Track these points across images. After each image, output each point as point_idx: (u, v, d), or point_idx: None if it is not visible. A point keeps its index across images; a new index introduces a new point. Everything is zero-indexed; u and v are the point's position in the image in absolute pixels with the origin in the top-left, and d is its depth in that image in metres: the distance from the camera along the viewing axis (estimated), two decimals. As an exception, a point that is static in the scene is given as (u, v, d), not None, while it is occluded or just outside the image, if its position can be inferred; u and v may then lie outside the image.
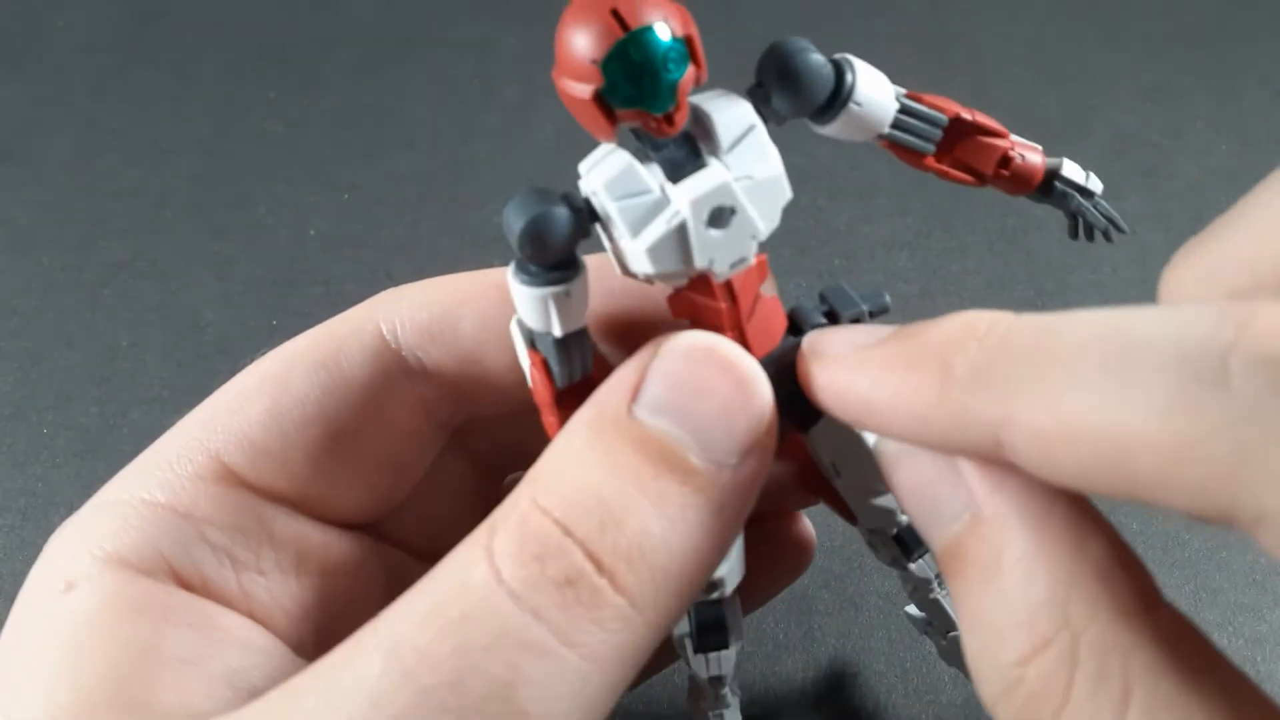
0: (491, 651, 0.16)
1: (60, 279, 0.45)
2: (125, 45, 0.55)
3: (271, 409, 0.22)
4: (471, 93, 0.51)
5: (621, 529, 0.17)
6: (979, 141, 0.22)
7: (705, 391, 0.17)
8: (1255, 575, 0.34)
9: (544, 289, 0.18)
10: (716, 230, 0.18)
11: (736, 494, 0.18)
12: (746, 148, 0.19)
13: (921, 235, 0.44)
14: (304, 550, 0.22)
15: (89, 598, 0.19)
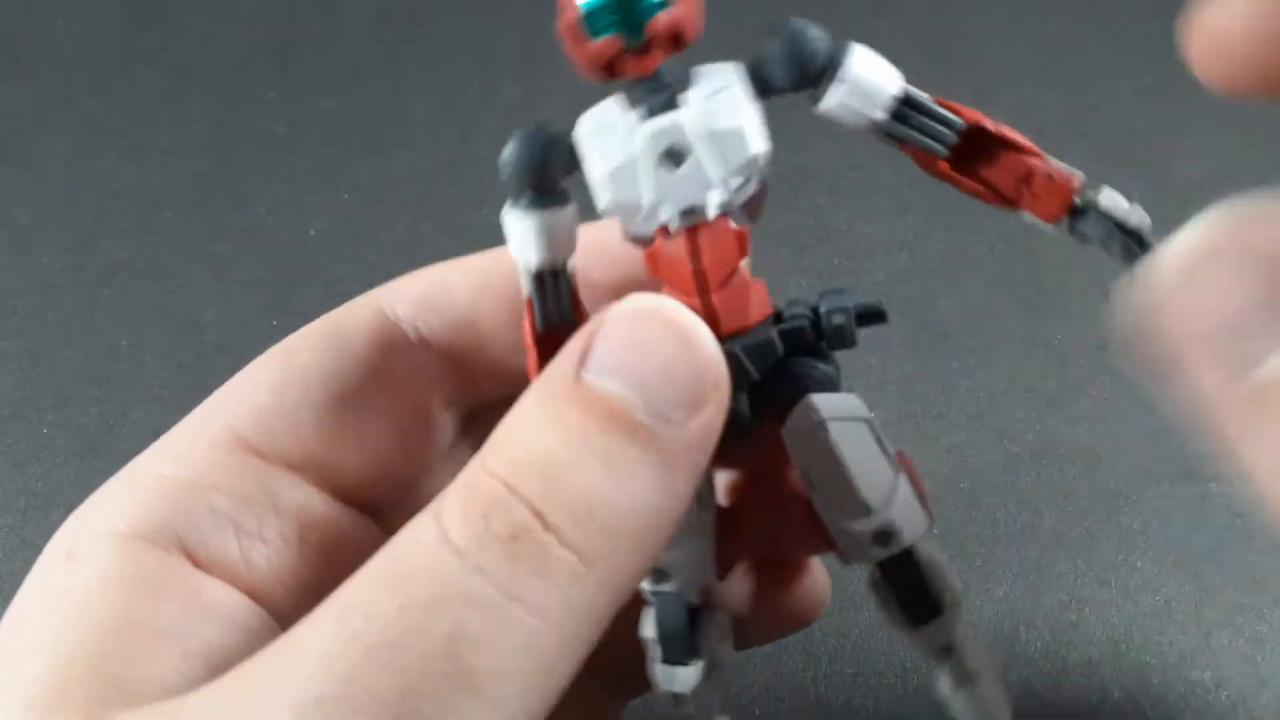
0: (435, 608, 0.16)
1: (60, 279, 0.45)
2: (125, 45, 0.55)
3: (279, 378, 0.23)
4: (471, 93, 0.51)
5: (567, 486, 0.17)
6: (1001, 154, 0.21)
7: (648, 350, 0.18)
8: (1256, 575, 0.34)
9: (525, 214, 0.20)
10: (668, 170, 0.19)
11: (685, 450, 0.18)
12: (717, 100, 0.19)
13: (921, 235, 0.44)
14: (308, 522, 0.22)
15: (85, 570, 0.19)
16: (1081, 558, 0.34)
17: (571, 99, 0.45)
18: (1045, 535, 0.35)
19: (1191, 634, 0.33)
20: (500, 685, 0.16)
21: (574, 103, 0.25)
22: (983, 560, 0.35)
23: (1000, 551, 0.35)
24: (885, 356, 0.40)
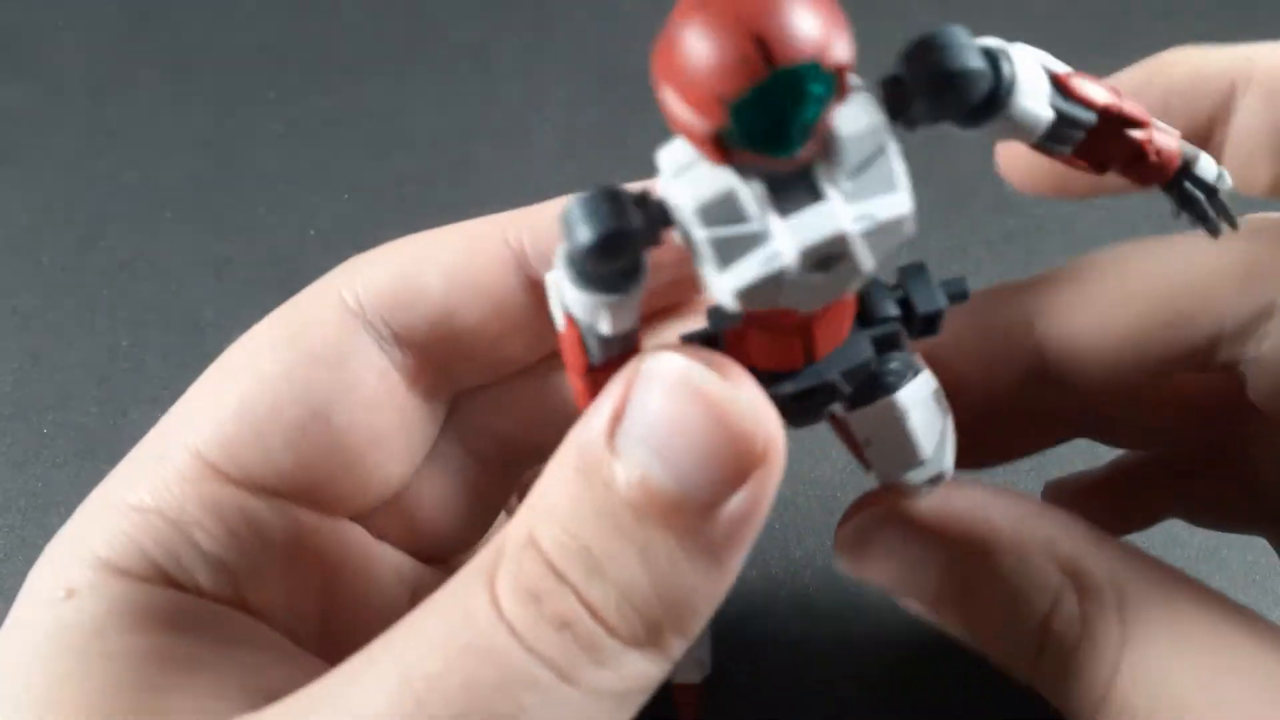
0: (498, 689, 0.16)
1: (60, 279, 0.45)
2: (125, 45, 0.55)
3: (243, 396, 0.21)
4: (471, 93, 0.51)
5: (608, 579, 0.16)
6: (1113, 133, 0.19)
7: (681, 427, 0.16)
8: (1255, 576, 0.34)
9: (600, 296, 0.16)
10: (819, 274, 0.16)
11: (728, 533, 0.16)
12: (873, 175, 0.15)
13: (921, 235, 0.44)
14: (296, 543, 0.21)
15: (92, 605, 0.19)
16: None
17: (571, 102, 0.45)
18: (1045, 535, 0.35)
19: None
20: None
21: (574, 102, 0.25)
22: (983, 560, 0.35)
23: (1000, 551, 0.35)
24: (885, 356, 0.40)
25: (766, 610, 0.33)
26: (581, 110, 0.49)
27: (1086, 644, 0.20)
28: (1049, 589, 0.20)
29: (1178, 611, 0.20)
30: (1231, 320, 0.22)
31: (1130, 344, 0.22)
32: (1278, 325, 0.21)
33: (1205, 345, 0.22)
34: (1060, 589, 0.20)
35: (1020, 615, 0.20)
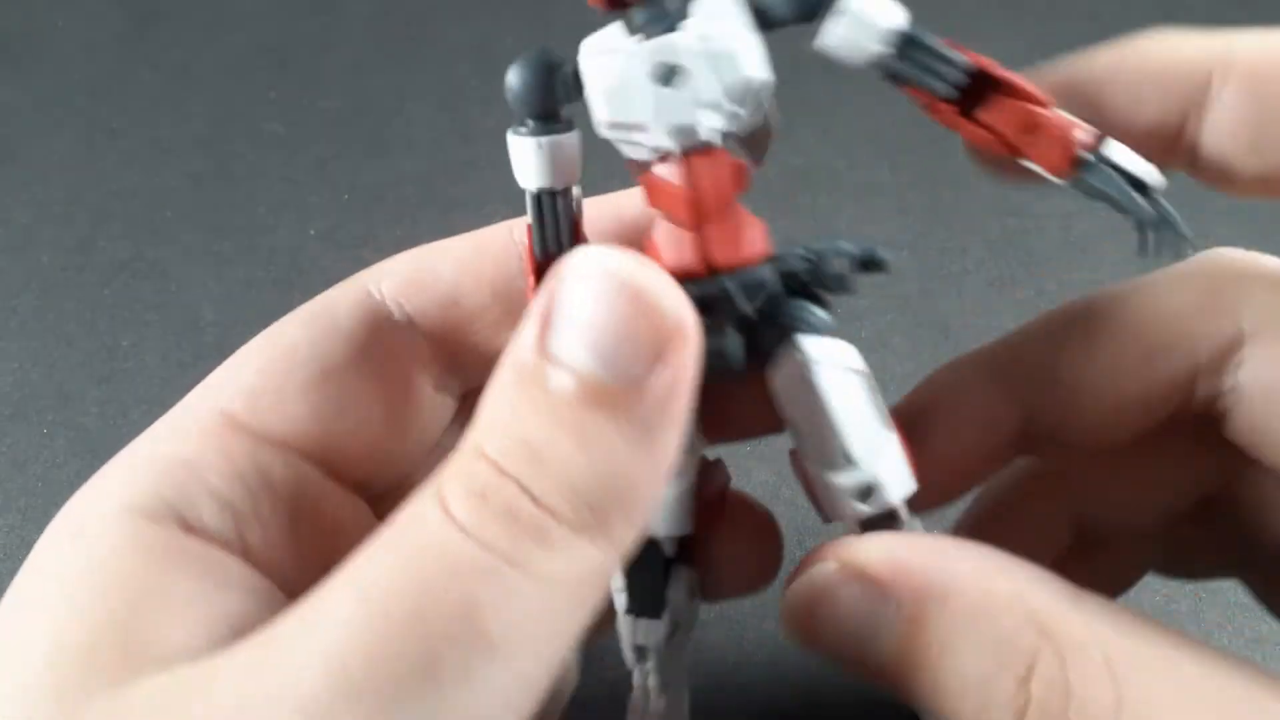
0: (448, 578, 0.16)
1: (60, 279, 0.45)
2: (125, 45, 0.55)
3: (268, 357, 0.23)
4: (471, 93, 0.51)
5: (549, 466, 0.17)
6: (1008, 101, 0.20)
7: (602, 311, 0.17)
8: (1255, 577, 0.34)
9: (528, 138, 0.20)
10: (662, 88, 0.19)
11: (658, 406, 0.17)
12: (713, 23, 0.19)
13: (921, 235, 0.44)
14: (301, 500, 0.22)
15: (98, 542, 0.20)
16: (1081, 558, 0.34)
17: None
18: (1045, 535, 0.35)
19: (1192, 634, 0.33)
20: (512, 645, 0.16)
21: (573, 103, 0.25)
22: (983, 560, 0.35)
23: (1000, 551, 0.35)
24: (885, 356, 0.40)
25: (766, 609, 0.33)
26: (581, 110, 0.49)
27: (1075, 712, 0.18)
28: (1023, 650, 0.18)
29: (1178, 671, 0.18)
30: (1204, 350, 0.22)
31: (1110, 388, 0.23)
32: (1250, 353, 0.22)
33: (1184, 378, 0.23)
34: (1036, 649, 0.18)
35: (993, 681, 0.19)
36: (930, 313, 0.41)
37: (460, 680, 0.16)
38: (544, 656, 0.17)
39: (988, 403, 0.24)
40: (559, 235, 0.21)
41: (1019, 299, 0.42)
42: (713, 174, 0.20)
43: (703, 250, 0.20)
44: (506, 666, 0.17)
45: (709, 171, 0.20)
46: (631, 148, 0.20)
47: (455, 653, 0.16)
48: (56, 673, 0.18)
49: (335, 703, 0.16)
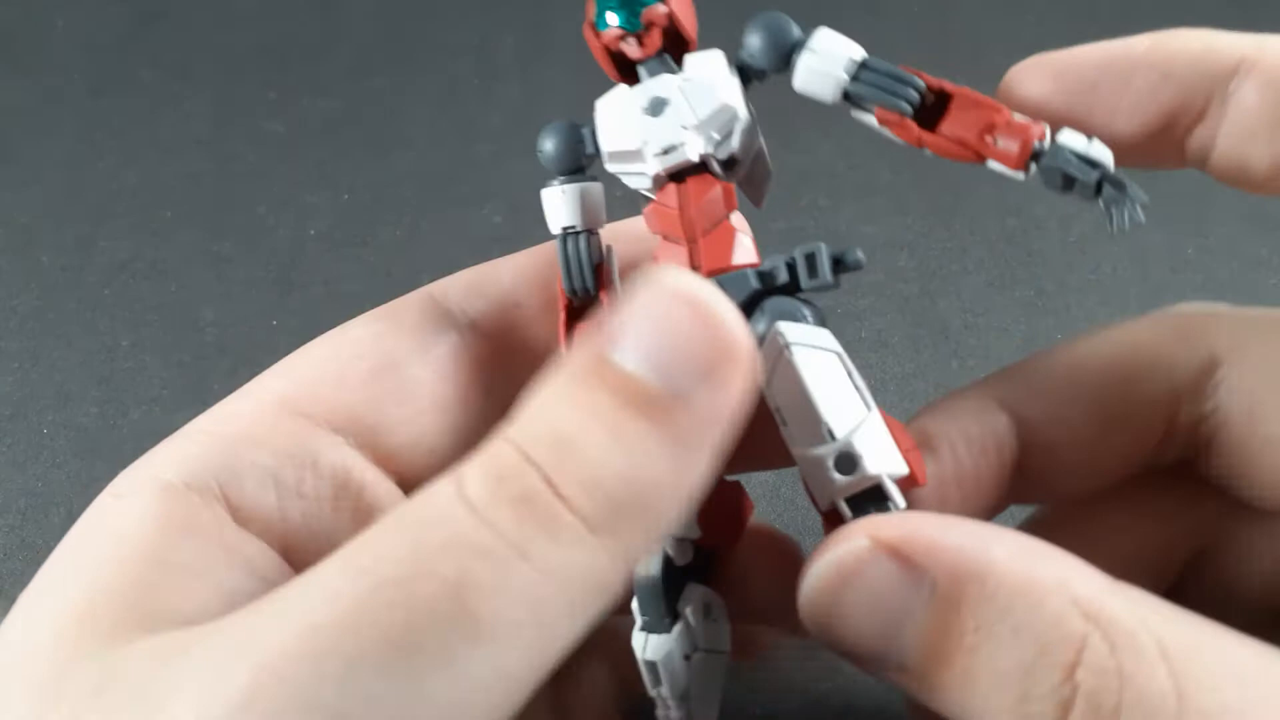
0: (444, 553, 0.16)
1: (60, 279, 0.45)
2: (125, 45, 0.55)
3: (333, 348, 0.24)
4: (471, 93, 0.51)
5: (577, 457, 0.17)
6: (966, 112, 0.22)
7: (665, 323, 0.18)
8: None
9: (554, 186, 0.24)
10: (653, 117, 0.23)
11: (700, 424, 0.17)
12: (697, 63, 0.23)
13: (921, 235, 0.44)
14: (344, 482, 0.23)
15: (128, 509, 0.21)
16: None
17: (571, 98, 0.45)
18: (1045, 535, 0.35)
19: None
20: (500, 634, 0.16)
21: (574, 102, 0.26)
22: (983, 560, 0.35)
23: (1000, 551, 0.35)
24: (885, 356, 0.40)
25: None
26: (582, 110, 0.49)
27: (1131, 704, 0.16)
28: (1070, 636, 0.17)
29: (1237, 660, 0.17)
30: (1182, 372, 0.24)
31: (1096, 410, 0.24)
32: (1226, 373, 0.24)
33: (1165, 400, 0.24)
34: (1084, 635, 0.17)
35: (1035, 671, 0.17)
36: (930, 313, 0.41)
37: (438, 661, 0.16)
38: (529, 654, 0.17)
39: (988, 420, 0.24)
40: (583, 274, 0.24)
41: (1019, 299, 0.42)
42: (700, 194, 0.22)
43: (695, 260, 0.22)
44: (489, 656, 0.16)
45: (697, 192, 0.22)
46: (633, 179, 0.23)
47: (437, 630, 0.16)
48: (57, 631, 0.18)
49: (300, 663, 0.16)
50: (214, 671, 0.16)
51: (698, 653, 0.22)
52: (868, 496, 0.20)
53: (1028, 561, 0.18)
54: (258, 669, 0.16)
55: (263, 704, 0.16)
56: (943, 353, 0.40)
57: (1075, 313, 0.40)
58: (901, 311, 0.41)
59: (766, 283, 0.22)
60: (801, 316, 0.21)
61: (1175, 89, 0.22)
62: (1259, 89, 0.22)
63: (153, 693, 0.16)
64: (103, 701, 0.17)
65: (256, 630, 0.17)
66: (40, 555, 0.20)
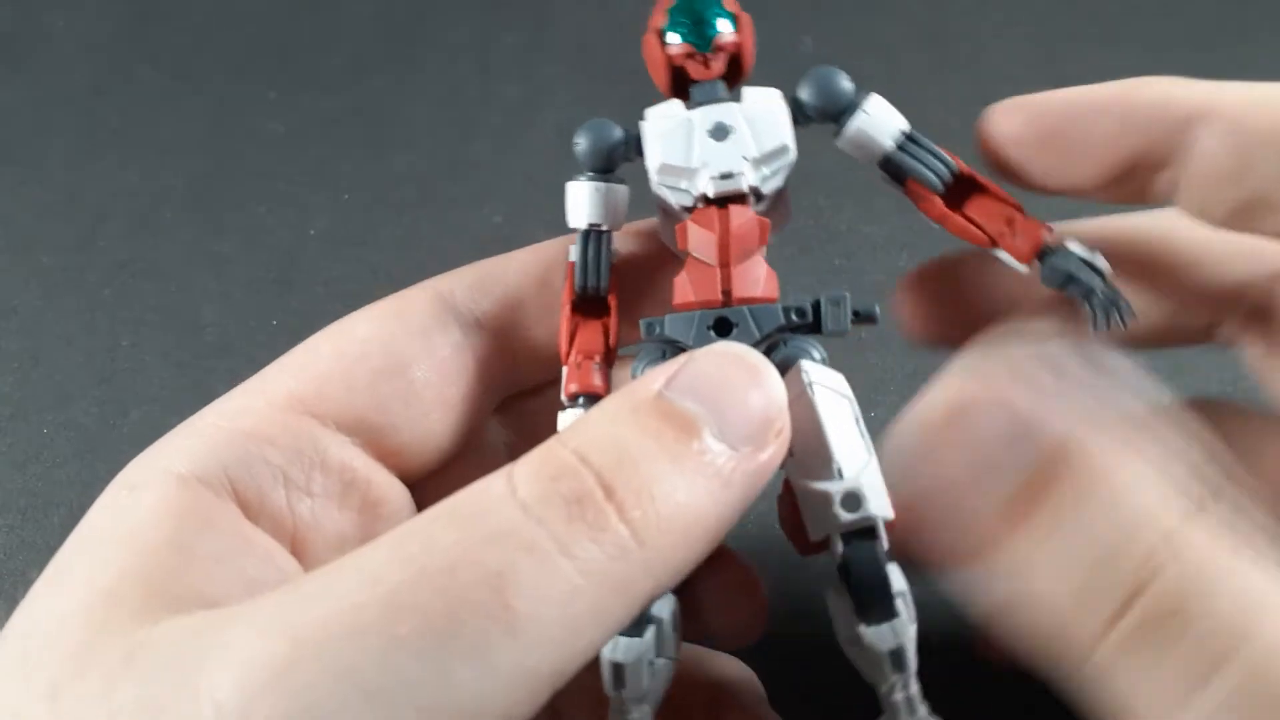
0: (491, 545, 0.17)
1: (60, 279, 0.45)
2: (125, 45, 0.55)
3: (341, 346, 0.25)
4: (471, 92, 0.51)
5: (636, 469, 0.18)
6: (988, 201, 0.25)
7: (727, 384, 0.19)
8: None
9: (582, 183, 0.24)
10: (714, 141, 0.23)
11: (743, 477, 0.19)
12: (759, 98, 0.24)
13: (922, 235, 0.43)
14: (351, 481, 0.24)
15: (144, 499, 0.21)
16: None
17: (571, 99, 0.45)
18: (1045, 535, 0.35)
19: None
20: (534, 631, 0.16)
21: (574, 103, 0.26)
22: (983, 560, 0.35)
23: (1000, 551, 0.35)
24: (885, 356, 0.40)
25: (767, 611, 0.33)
26: (581, 110, 0.49)
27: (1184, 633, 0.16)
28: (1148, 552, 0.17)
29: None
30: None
31: None
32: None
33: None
34: (1159, 557, 0.17)
35: (1104, 571, 0.17)
36: (930, 313, 0.41)
37: (471, 650, 0.16)
38: (555, 656, 0.17)
39: None
40: (598, 273, 0.25)
41: (1019, 299, 0.42)
42: (741, 224, 0.23)
43: (725, 285, 0.23)
44: (518, 651, 0.16)
45: (740, 222, 0.23)
46: (676, 194, 0.24)
47: (475, 621, 0.16)
48: (86, 606, 0.19)
49: (341, 639, 0.16)
50: (252, 641, 0.16)
51: (660, 659, 0.22)
52: (859, 533, 0.22)
53: (1132, 454, 0.18)
54: (296, 641, 0.16)
55: (301, 674, 0.16)
56: (943, 352, 0.40)
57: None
58: (902, 311, 0.41)
59: (791, 319, 0.23)
60: (818, 356, 0.23)
61: (1137, 137, 0.23)
62: (1217, 137, 0.22)
63: (187, 661, 0.17)
64: (134, 667, 0.17)
65: (295, 606, 0.17)
66: (41, 555, 0.20)
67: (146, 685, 0.17)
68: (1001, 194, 0.25)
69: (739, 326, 0.23)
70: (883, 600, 0.21)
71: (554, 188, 0.26)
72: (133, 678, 0.17)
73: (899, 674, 0.22)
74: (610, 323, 0.25)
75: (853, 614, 0.22)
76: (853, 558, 0.22)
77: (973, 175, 0.25)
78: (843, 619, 0.22)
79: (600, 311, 0.25)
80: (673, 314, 0.23)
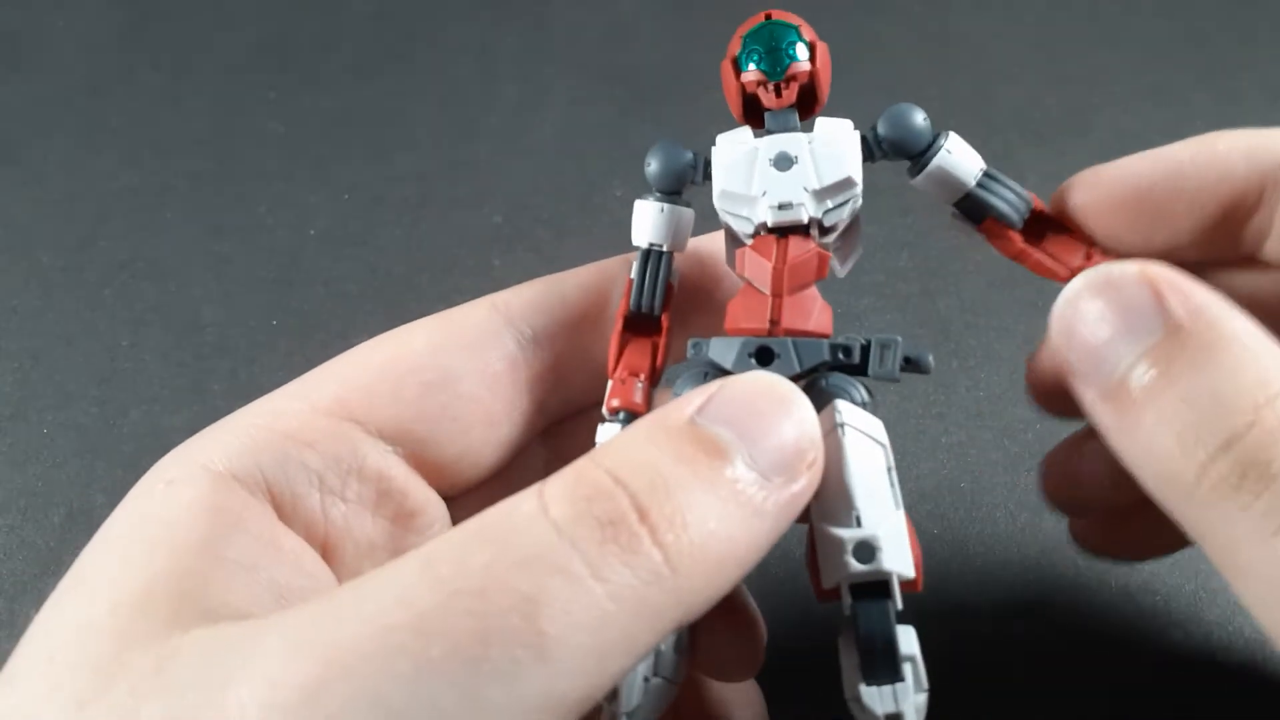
0: (522, 568, 0.17)
1: (60, 279, 0.45)
2: (125, 45, 0.55)
3: (392, 356, 0.24)
4: (471, 93, 0.51)
5: (670, 493, 0.18)
6: (1064, 237, 0.25)
7: (759, 414, 0.19)
8: None
9: (649, 202, 0.25)
10: (777, 170, 0.23)
11: (774, 507, 0.19)
12: (829, 130, 0.24)
13: (922, 235, 0.44)
14: (387, 490, 0.24)
15: (179, 496, 0.21)
16: (1081, 558, 0.34)
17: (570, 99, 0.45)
18: (1045, 535, 0.35)
19: (1193, 635, 0.33)
20: (564, 657, 0.16)
21: (573, 103, 0.26)
22: (983, 561, 0.35)
23: (1000, 552, 0.35)
24: (885, 356, 0.40)
25: (767, 611, 0.33)
26: (581, 110, 0.49)
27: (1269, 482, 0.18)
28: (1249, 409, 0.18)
29: None
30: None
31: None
32: None
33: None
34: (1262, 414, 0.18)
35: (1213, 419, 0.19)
36: (931, 312, 0.41)
37: (501, 675, 0.16)
38: (583, 682, 0.17)
39: None
40: (655, 292, 0.25)
41: (1020, 299, 0.42)
42: (799, 255, 0.23)
43: (775, 315, 0.23)
44: (547, 677, 0.16)
45: (797, 252, 0.23)
46: (736, 220, 0.24)
47: (506, 646, 0.16)
48: (115, 617, 0.19)
49: (371, 661, 0.16)
50: (282, 659, 0.16)
51: (657, 678, 0.22)
52: (872, 588, 0.21)
53: (1254, 338, 0.19)
54: (327, 662, 0.16)
55: (330, 697, 0.16)
56: (943, 352, 0.40)
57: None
58: (902, 311, 0.41)
59: (837, 358, 0.23)
60: (859, 397, 0.23)
61: (1228, 188, 0.24)
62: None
63: (215, 676, 0.17)
64: (162, 681, 0.17)
65: (326, 624, 0.17)
66: (41, 555, 0.20)
67: (174, 701, 0.17)
68: (1077, 228, 0.25)
69: (780, 357, 0.23)
70: (887, 662, 0.21)
71: (554, 187, 0.26)
72: (160, 692, 0.17)
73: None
74: (660, 342, 0.25)
75: (857, 670, 0.21)
76: (860, 612, 0.21)
77: (1044, 210, 0.25)
78: (847, 673, 0.21)
79: (653, 330, 0.25)
80: (720, 337, 0.23)
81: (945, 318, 0.41)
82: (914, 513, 0.36)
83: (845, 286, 0.43)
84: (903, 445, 0.38)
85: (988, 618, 0.33)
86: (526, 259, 0.43)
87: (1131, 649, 0.32)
